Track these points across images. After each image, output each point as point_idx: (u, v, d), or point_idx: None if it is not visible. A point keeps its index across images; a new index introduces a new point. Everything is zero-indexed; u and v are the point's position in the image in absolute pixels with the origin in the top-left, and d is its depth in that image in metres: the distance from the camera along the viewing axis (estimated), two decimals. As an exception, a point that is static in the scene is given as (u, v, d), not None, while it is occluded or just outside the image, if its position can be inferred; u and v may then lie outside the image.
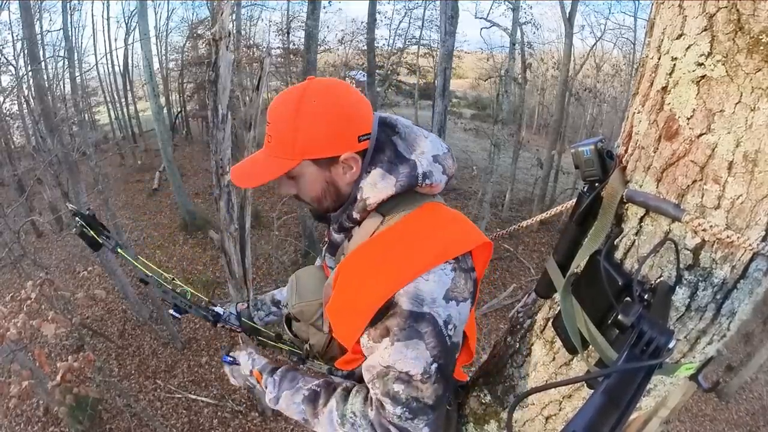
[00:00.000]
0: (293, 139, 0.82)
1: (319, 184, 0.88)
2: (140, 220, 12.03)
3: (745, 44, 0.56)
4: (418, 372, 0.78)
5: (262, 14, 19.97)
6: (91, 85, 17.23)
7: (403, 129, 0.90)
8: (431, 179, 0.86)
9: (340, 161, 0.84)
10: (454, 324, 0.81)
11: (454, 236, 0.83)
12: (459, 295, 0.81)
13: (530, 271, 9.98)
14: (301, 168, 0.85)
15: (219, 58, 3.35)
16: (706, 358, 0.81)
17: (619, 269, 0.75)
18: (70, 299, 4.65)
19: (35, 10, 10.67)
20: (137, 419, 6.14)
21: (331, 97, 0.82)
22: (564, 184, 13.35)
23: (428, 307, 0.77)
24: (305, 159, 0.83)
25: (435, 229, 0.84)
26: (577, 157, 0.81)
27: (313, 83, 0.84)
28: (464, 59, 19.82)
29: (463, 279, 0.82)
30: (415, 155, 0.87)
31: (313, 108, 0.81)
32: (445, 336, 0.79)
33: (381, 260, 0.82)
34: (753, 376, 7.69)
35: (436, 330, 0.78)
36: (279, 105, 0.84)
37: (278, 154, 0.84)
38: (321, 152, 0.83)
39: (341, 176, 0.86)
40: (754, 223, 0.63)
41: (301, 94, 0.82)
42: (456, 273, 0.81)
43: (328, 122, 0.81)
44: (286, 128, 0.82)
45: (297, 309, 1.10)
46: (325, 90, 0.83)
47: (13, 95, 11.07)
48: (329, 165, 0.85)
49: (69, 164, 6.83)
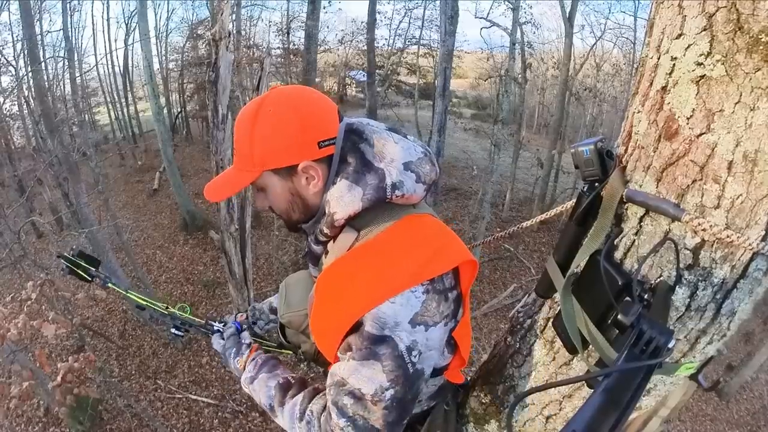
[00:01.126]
0: (251, 150, 0.81)
1: (285, 195, 0.86)
2: (141, 221, 12.03)
3: (744, 44, 0.57)
4: (369, 392, 0.76)
5: (262, 14, 19.99)
6: (92, 86, 17.22)
7: (371, 135, 0.85)
8: (402, 190, 0.80)
9: (299, 170, 0.81)
10: (420, 350, 0.77)
11: (430, 255, 0.78)
12: (429, 319, 0.77)
13: (530, 271, 9.98)
14: (264, 180, 0.84)
15: (219, 58, 3.36)
16: (706, 357, 0.81)
17: (619, 269, 0.75)
18: (70, 300, 4.64)
19: (35, 11, 10.67)
20: (138, 419, 6.14)
21: (287, 105, 0.80)
22: (564, 183, 13.34)
23: (389, 330, 0.74)
24: (264, 170, 0.82)
25: (411, 248, 0.79)
26: (576, 157, 0.81)
27: (272, 93, 0.83)
28: (464, 59, 19.81)
29: (435, 302, 0.78)
30: (384, 163, 0.81)
31: (268, 118, 0.80)
32: (407, 362, 0.76)
33: (352, 279, 0.79)
34: (753, 376, 7.68)
35: (395, 354, 0.75)
36: (240, 117, 0.83)
37: (241, 167, 0.84)
38: (278, 162, 0.81)
39: (305, 187, 0.84)
40: (754, 222, 0.63)
41: (258, 105, 0.81)
42: (428, 296, 0.77)
43: (283, 130, 0.79)
44: (245, 140, 0.82)
45: (286, 319, 1.11)
46: (281, 98, 0.81)
47: (13, 96, 11.06)
48: (290, 175, 0.83)
49: (69, 165, 6.83)
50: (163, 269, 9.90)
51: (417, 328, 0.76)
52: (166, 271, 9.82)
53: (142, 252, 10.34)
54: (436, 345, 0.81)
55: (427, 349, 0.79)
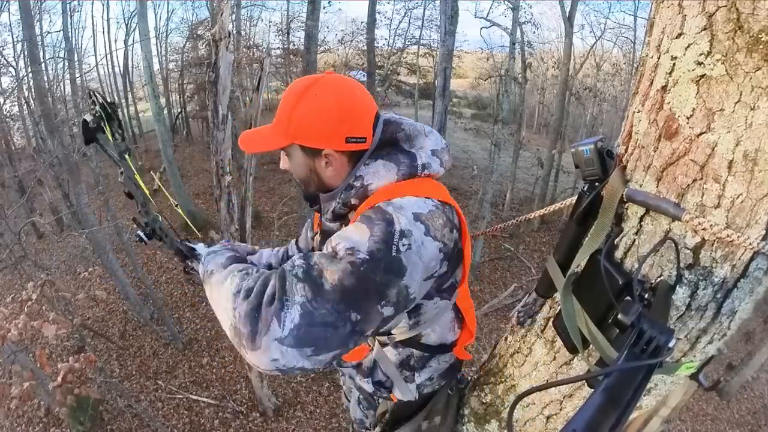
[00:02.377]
0: (288, 121, 0.88)
1: (304, 169, 0.94)
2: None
3: (744, 43, 0.57)
4: (343, 247, 0.73)
5: (261, 15, 19.96)
6: (92, 86, 17.22)
7: (408, 127, 0.95)
8: (429, 170, 0.91)
9: (322, 154, 0.89)
10: (410, 244, 0.74)
11: (446, 194, 0.88)
12: (431, 227, 0.78)
13: (531, 271, 9.98)
14: (291, 149, 0.92)
15: (219, 58, 3.36)
16: (707, 357, 0.81)
17: (619, 268, 0.75)
18: (70, 300, 4.64)
19: (35, 12, 10.68)
20: (138, 420, 6.14)
21: (333, 96, 0.87)
22: (564, 183, 13.34)
23: (392, 209, 0.78)
24: (294, 143, 0.90)
25: (431, 187, 0.88)
26: (577, 157, 0.81)
27: (325, 77, 0.90)
28: (464, 59, 19.79)
29: (442, 220, 0.81)
30: (416, 149, 0.92)
31: (312, 100, 0.87)
32: (393, 243, 0.72)
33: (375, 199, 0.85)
34: (754, 375, 7.68)
35: (387, 230, 0.73)
36: (291, 88, 0.91)
37: (277, 132, 0.91)
38: (307, 141, 0.88)
39: (323, 169, 0.92)
40: (755, 221, 0.63)
41: (309, 84, 0.88)
42: (437, 210, 0.81)
43: (321, 116, 0.86)
44: (287, 110, 0.89)
45: None
46: (331, 87, 0.88)
47: (13, 97, 11.06)
48: (313, 155, 0.91)
49: (69, 165, 6.83)
50: (163, 270, 9.89)
51: (417, 224, 0.77)
52: (167, 272, 9.81)
53: (142, 252, 10.33)
54: (427, 262, 0.77)
55: (418, 254, 0.75)
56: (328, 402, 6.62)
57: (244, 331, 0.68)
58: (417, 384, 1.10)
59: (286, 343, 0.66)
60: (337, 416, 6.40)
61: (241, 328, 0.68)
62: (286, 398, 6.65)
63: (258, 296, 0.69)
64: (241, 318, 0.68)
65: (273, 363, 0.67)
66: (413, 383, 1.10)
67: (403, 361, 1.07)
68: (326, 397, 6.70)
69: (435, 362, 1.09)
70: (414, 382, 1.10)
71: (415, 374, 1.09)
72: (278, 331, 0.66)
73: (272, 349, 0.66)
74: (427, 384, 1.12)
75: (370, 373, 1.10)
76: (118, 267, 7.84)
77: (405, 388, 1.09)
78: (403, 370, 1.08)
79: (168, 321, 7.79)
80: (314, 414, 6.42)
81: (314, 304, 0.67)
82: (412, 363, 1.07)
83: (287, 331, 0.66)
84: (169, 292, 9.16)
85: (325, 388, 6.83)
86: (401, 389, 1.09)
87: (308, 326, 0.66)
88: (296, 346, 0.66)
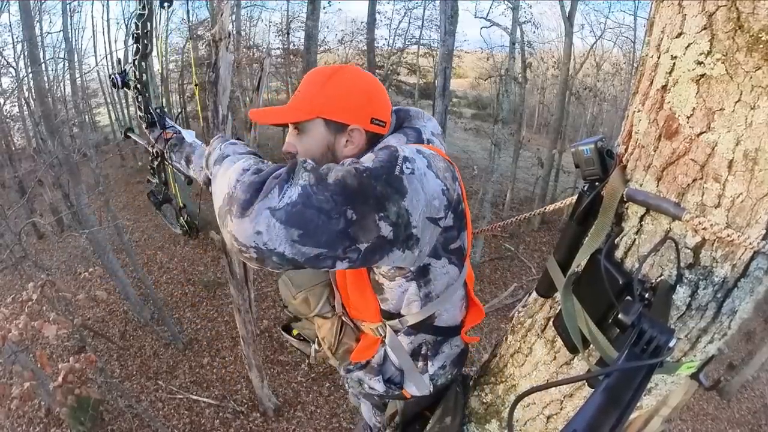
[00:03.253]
0: (316, 95, 0.92)
1: (321, 146, 0.94)
2: (141, 221, 12.04)
3: (744, 42, 0.56)
4: (350, 159, 0.75)
5: (261, 15, 19.94)
6: (92, 87, 17.22)
7: (413, 112, 1.04)
8: (433, 144, 0.96)
9: (347, 130, 0.93)
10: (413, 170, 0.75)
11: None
12: (433, 164, 0.79)
13: (531, 271, 9.98)
14: (311, 125, 0.93)
15: (219, 59, 3.36)
16: (707, 356, 0.81)
17: (619, 268, 0.75)
18: (71, 301, 4.65)
19: (35, 12, 10.68)
20: (139, 420, 6.14)
21: (361, 78, 0.95)
22: (565, 183, 13.34)
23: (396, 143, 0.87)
24: (319, 116, 0.92)
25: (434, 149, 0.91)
26: (577, 156, 0.81)
27: (351, 66, 0.98)
28: (464, 59, 19.79)
29: (444, 165, 0.83)
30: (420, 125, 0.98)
31: (343, 79, 0.93)
32: (396, 165, 0.73)
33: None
34: (754, 375, 7.68)
35: (391, 154, 0.75)
36: (314, 71, 0.97)
37: (298, 107, 0.94)
38: (335, 114, 0.92)
39: (342, 146, 0.94)
40: (755, 221, 0.63)
41: (337, 68, 0.95)
42: (439, 156, 0.84)
43: (351, 92, 0.92)
44: (314, 87, 0.93)
45: (301, 298, 1.06)
46: (359, 72, 0.96)
47: (13, 97, 11.08)
48: (337, 131, 0.93)
49: (70, 166, 6.83)
50: (164, 270, 9.90)
51: (420, 156, 0.78)
52: (167, 272, 9.82)
53: (142, 253, 10.35)
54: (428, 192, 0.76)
55: (419, 181, 0.75)
56: (328, 402, 6.62)
57: (240, 197, 0.66)
58: (430, 374, 1.09)
59: (277, 216, 0.64)
60: (337, 416, 6.40)
61: (238, 195, 0.66)
62: (286, 398, 6.65)
63: (266, 174, 0.69)
64: (243, 186, 0.67)
65: (255, 237, 0.64)
66: (426, 374, 1.09)
67: (415, 351, 1.06)
68: (327, 397, 6.70)
69: (447, 347, 1.10)
70: (427, 373, 1.09)
71: (428, 363, 1.08)
72: (275, 200, 0.65)
73: (261, 218, 0.64)
74: (440, 374, 1.11)
75: (381, 370, 1.08)
76: (118, 267, 7.84)
77: (419, 380, 1.07)
78: (416, 360, 1.07)
79: (168, 321, 7.80)
80: (315, 414, 6.43)
81: (315, 189, 0.67)
82: (424, 351, 1.06)
83: (282, 204, 0.65)
84: (169, 293, 9.16)
85: (326, 388, 6.83)
86: (415, 382, 1.08)
87: (303, 206, 0.65)
88: (285, 223, 0.64)
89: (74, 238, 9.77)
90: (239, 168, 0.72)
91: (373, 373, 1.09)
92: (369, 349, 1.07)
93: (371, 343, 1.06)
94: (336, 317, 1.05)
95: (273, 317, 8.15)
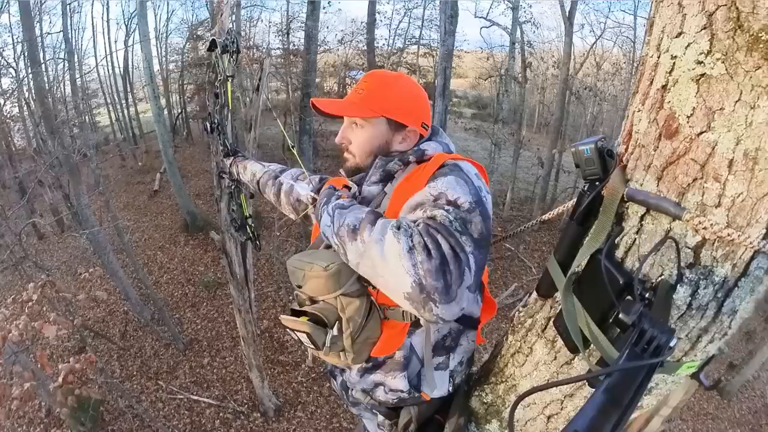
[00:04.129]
0: (384, 97, 1.04)
1: (379, 141, 1.07)
2: (141, 222, 12.04)
3: (744, 42, 0.56)
4: (465, 201, 0.85)
5: (261, 15, 19.97)
6: (92, 87, 17.23)
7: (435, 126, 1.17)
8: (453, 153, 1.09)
9: (406, 130, 1.07)
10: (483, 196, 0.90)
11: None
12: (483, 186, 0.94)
13: (531, 271, 9.97)
14: (376, 121, 1.05)
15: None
16: (708, 356, 0.81)
17: (620, 268, 0.75)
18: (71, 301, 4.64)
19: (35, 13, 10.69)
20: (139, 420, 6.14)
21: (417, 87, 1.12)
22: (565, 182, 13.33)
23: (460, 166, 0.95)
24: (384, 115, 1.04)
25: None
26: (577, 156, 0.81)
27: (404, 74, 1.17)
28: (464, 58, 19.79)
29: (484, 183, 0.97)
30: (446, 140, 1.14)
31: (409, 86, 1.09)
32: (476, 186, 0.90)
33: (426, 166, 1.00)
34: (755, 374, 7.67)
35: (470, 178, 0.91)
36: (381, 72, 1.11)
37: (365, 104, 1.04)
38: (399, 116, 1.05)
39: (397, 143, 1.08)
40: (755, 221, 0.63)
41: (400, 75, 1.12)
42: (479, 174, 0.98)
43: (415, 99, 1.09)
44: (382, 88, 1.05)
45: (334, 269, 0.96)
46: (415, 83, 1.13)
47: (13, 98, 11.08)
48: (397, 129, 1.07)
49: (70, 166, 6.83)
50: (164, 270, 9.90)
51: (482, 181, 0.96)
52: (167, 272, 9.82)
53: (143, 253, 10.34)
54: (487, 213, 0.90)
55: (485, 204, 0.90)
56: (329, 402, 6.61)
57: (437, 286, 0.74)
58: (450, 371, 1.09)
59: (472, 288, 0.79)
60: (338, 416, 6.40)
61: (432, 283, 0.73)
62: (287, 398, 6.65)
63: (438, 250, 0.76)
64: (432, 273, 0.74)
65: (460, 311, 0.78)
66: (447, 370, 1.08)
67: (438, 342, 1.06)
68: (327, 397, 6.70)
69: (465, 340, 1.12)
70: (448, 369, 1.09)
71: (450, 357, 1.08)
72: (469, 278, 0.77)
73: (463, 297, 0.76)
74: (458, 371, 1.12)
75: (407, 366, 1.04)
76: (118, 267, 7.84)
77: (441, 378, 1.08)
78: (437, 354, 1.06)
79: (169, 321, 7.80)
80: (315, 414, 6.42)
81: (476, 252, 0.80)
82: (448, 343, 1.08)
83: (472, 278, 0.78)
84: (169, 293, 9.16)
85: (326, 388, 6.83)
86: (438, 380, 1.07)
87: (477, 271, 0.80)
88: (473, 291, 0.81)
89: (74, 239, 9.78)
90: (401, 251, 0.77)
91: (398, 369, 1.04)
92: (394, 340, 1.02)
93: (398, 332, 1.01)
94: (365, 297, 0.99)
95: (273, 317, 8.15)
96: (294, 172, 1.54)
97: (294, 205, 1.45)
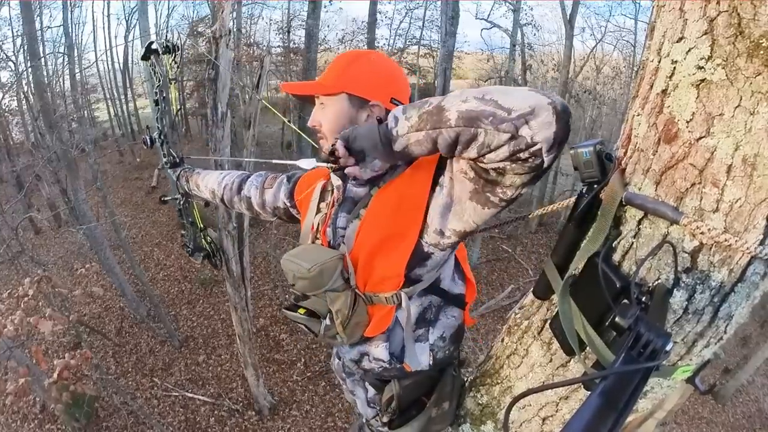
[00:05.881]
0: (342, 72, 1.01)
1: (344, 119, 1.02)
2: (139, 218, 12.02)
3: (745, 48, 0.57)
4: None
5: (262, 13, 19.90)
6: (91, 82, 17.16)
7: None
8: None
9: (368, 106, 1.01)
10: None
11: None
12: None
13: (528, 273, 9.98)
14: (337, 99, 1.02)
15: (219, 56, 3.34)
16: (703, 360, 0.81)
17: (617, 271, 0.75)
18: (67, 296, 4.64)
19: (35, 6, 10.63)
20: (134, 417, 6.13)
21: (385, 61, 1.07)
22: (563, 185, 13.36)
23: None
24: (344, 91, 1.00)
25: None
26: (576, 159, 0.81)
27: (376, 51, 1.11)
28: (464, 60, 19.79)
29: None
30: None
31: (369, 60, 1.04)
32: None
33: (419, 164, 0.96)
34: (750, 379, 7.71)
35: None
36: (344, 54, 1.07)
37: (325, 82, 1.02)
38: (358, 89, 1.00)
39: (363, 121, 1.02)
40: (752, 226, 0.63)
41: (365, 51, 1.07)
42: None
43: (374, 73, 1.02)
44: (341, 65, 1.02)
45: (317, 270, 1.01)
46: (383, 56, 1.08)
47: (12, 91, 11.05)
48: (359, 106, 1.02)
49: (68, 161, 6.81)
50: (160, 267, 9.88)
51: None
52: (164, 269, 9.80)
53: (139, 249, 10.32)
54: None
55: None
56: (323, 401, 6.61)
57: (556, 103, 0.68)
58: (430, 344, 1.09)
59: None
60: (332, 415, 6.40)
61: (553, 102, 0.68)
62: (281, 397, 6.64)
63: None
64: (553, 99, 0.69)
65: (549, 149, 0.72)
66: (426, 342, 1.09)
67: (420, 315, 1.07)
68: (322, 396, 6.70)
69: (444, 315, 1.12)
70: (428, 341, 1.09)
71: (429, 330, 1.09)
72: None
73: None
74: (440, 346, 1.11)
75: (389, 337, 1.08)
76: (115, 264, 7.82)
77: (421, 349, 1.08)
78: (418, 327, 1.08)
79: (164, 318, 7.78)
80: (310, 413, 6.42)
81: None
82: (428, 316, 1.08)
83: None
84: (166, 290, 9.14)
85: (321, 387, 6.83)
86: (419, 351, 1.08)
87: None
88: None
89: (71, 234, 9.73)
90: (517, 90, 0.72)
91: (381, 340, 1.08)
92: (383, 321, 1.06)
93: (385, 314, 1.05)
94: (350, 290, 1.04)
95: (269, 316, 8.14)
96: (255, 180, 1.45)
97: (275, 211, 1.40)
